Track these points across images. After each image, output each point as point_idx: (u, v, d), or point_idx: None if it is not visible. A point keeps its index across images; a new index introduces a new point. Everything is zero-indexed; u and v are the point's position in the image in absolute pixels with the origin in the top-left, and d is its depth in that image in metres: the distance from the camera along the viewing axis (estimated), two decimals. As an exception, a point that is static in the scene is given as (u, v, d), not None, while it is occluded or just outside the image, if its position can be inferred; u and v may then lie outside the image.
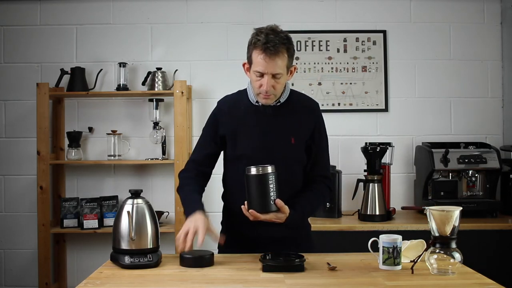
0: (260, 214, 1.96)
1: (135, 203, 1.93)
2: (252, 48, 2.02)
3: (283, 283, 1.70)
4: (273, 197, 1.95)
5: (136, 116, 3.66)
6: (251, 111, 2.14)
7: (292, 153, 2.12)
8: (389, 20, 3.67)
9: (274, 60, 1.98)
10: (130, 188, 1.98)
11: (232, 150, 2.14)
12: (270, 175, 1.94)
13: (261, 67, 1.99)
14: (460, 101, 3.67)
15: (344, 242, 2.96)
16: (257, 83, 2.04)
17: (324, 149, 2.22)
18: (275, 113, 2.12)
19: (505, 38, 3.64)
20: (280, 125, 2.12)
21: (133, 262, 1.88)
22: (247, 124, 2.13)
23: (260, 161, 2.02)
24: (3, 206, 3.66)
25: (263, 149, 2.09)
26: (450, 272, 1.77)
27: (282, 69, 2.02)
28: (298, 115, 2.15)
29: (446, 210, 1.76)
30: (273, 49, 1.96)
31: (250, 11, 3.66)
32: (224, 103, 2.21)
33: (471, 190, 3.33)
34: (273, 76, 2.01)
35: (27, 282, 3.62)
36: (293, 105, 2.16)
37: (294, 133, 2.12)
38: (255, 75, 2.03)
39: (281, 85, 2.06)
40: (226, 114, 2.16)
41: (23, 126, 3.63)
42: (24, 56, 3.66)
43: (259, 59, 1.99)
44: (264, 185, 1.94)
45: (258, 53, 1.99)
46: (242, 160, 2.09)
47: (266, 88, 2.02)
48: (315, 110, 2.20)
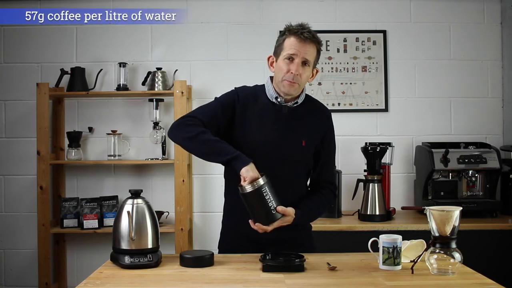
0: (267, 226, 1.95)
1: (135, 203, 1.93)
2: (284, 36, 2.07)
3: (283, 283, 1.70)
4: (273, 207, 1.93)
5: (136, 116, 3.66)
6: (267, 107, 2.13)
7: (301, 155, 2.12)
8: (389, 20, 3.67)
9: (308, 45, 2.05)
10: (130, 188, 1.98)
11: (241, 143, 2.07)
12: (263, 187, 1.91)
13: (294, 49, 2.04)
14: (460, 101, 3.67)
15: (344, 242, 2.96)
16: (286, 68, 2.05)
17: (332, 155, 2.25)
18: (290, 113, 2.13)
19: (505, 38, 3.64)
20: (294, 126, 2.12)
21: (133, 262, 1.88)
22: (260, 118, 2.11)
23: (267, 156, 2.02)
24: (3, 206, 3.66)
25: (272, 145, 2.09)
26: (450, 272, 1.77)
27: (311, 58, 2.06)
28: (312, 119, 2.16)
29: (446, 210, 1.76)
30: (308, 34, 2.04)
31: (250, 11, 3.66)
32: (243, 91, 2.16)
33: (471, 190, 3.34)
34: (302, 63, 2.05)
35: (27, 282, 3.62)
36: (308, 109, 2.17)
37: (306, 136, 2.13)
38: (284, 61, 2.06)
39: (306, 77, 2.08)
40: (244, 104, 2.12)
41: (23, 126, 3.63)
42: (24, 56, 3.66)
43: (292, 42, 2.05)
44: (260, 198, 1.91)
45: (293, 37, 2.05)
46: (249, 153, 2.01)
47: (295, 72, 2.04)
48: (328, 116, 2.23)
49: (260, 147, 2.07)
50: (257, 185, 1.90)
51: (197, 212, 3.65)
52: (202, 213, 3.66)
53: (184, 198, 3.35)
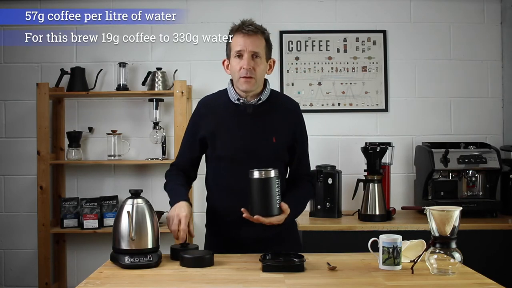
0: (265, 218, 1.95)
1: (135, 203, 1.93)
2: (230, 36, 2.12)
3: (283, 283, 1.70)
4: (278, 201, 1.95)
5: (136, 116, 3.66)
6: (231, 111, 2.14)
7: (274, 152, 2.13)
8: (389, 20, 3.67)
9: (252, 37, 2.07)
10: (130, 188, 1.98)
11: (213, 151, 2.15)
12: (276, 179, 1.93)
13: (239, 46, 2.07)
14: (460, 101, 3.67)
15: (344, 242, 2.95)
16: (237, 67, 2.08)
17: (306, 147, 2.25)
18: (255, 112, 2.13)
19: (505, 38, 3.64)
20: (261, 124, 2.13)
21: (133, 262, 1.88)
22: (227, 124, 2.13)
23: (242, 161, 2.05)
24: (3, 206, 3.66)
25: (245, 149, 2.10)
26: (450, 272, 1.77)
27: (260, 49, 2.08)
28: (279, 114, 2.16)
29: (446, 210, 1.76)
30: (250, 27, 2.07)
31: (250, 11, 3.66)
32: (204, 104, 2.22)
33: (471, 190, 3.33)
34: (252, 57, 2.06)
35: (27, 282, 3.62)
36: (274, 104, 2.17)
37: (276, 132, 2.13)
38: (235, 60, 2.08)
39: (261, 70, 2.09)
40: (206, 115, 2.17)
41: (23, 126, 3.63)
42: (24, 56, 3.66)
43: (237, 39, 2.08)
44: (271, 188, 1.93)
45: (236, 35, 2.09)
46: (224, 161, 2.11)
47: (246, 66, 2.05)
48: (295, 110, 2.22)
49: (232, 151, 2.11)
50: (274, 174, 1.93)
51: (197, 212, 3.65)
52: (202, 213, 3.63)
53: (184, 198, 3.35)
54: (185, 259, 1.91)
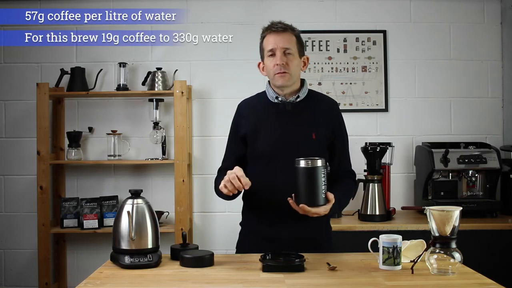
0: (311, 208, 1.94)
1: (135, 203, 1.93)
2: (262, 38, 2.16)
3: (283, 283, 1.70)
4: (324, 190, 1.94)
5: (136, 116, 3.66)
6: (270, 109, 2.16)
7: (314, 148, 2.11)
8: (389, 20, 3.67)
9: (281, 35, 2.10)
10: (130, 188, 1.98)
11: (253, 149, 2.16)
12: (322, 168, 1.92)
13: (271, 44, 2.11)
14: (460, 101, 3.67)
15: (344, 242, 2.95)
16: (271, 64, 2.11)
17: (346, 145, 2.27)
18: (294, 109, 2.15)
19: (505, 38, 3.64)
20: (300, 121, 2.14)
21: (133, 262, 1.88)
22: (267, 122, 2.15)
23: (282, 158, 2.05)
24: (3, 206, 3.66)
25: (284, 146, 2.11)
26: (450, 272, 1.77)
27: (291, 46, 2.11)
28: (318, 111, 2.17)
29: (446, 210, 1.76)
30: (279, 25, 2.11)
31: (250, 11, 3.66)
32: (243, 105, 2.25)
33: (471, 190, 3.34)
34: (284, 53, 2.09)
35: (27, 282, 3.62)
36: (312, 102, 2.19)
37: (315, 128, 2.14)
38: (269, 59, 2.12)
39: (295, 66, 2.12)
40: (246, 116, 2.19)
41: (23, 126, 3.63)
42: (24, 56, 3.66)
43: (268, 39, 2.12)
44: (316, 178, 1.91)
45: (267, 35, 2.13)
46: (264, 158, 2.12)
47: (279, 62, 2.08)
48: (334, 107, 2.24)
49: (272, 148, 2.11)
50: (320, 164, 1.92)
51: (197, 212, 3.65)
52: (202, 213, 3.66)
53: (184, 198, 3.35)
54: (185, 259, 1.91)
